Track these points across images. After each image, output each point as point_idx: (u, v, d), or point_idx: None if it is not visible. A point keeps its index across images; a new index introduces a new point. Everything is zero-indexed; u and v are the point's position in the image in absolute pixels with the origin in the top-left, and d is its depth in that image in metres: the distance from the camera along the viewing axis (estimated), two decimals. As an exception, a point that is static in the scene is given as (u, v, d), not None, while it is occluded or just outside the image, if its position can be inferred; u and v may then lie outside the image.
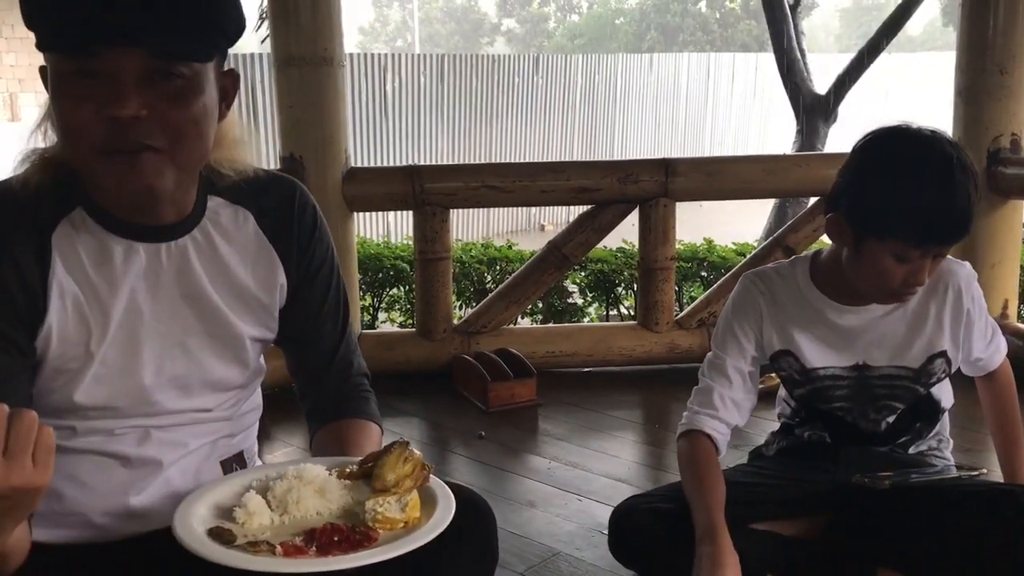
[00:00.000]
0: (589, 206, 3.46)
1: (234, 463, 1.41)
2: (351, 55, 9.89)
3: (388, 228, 9.42)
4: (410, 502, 1.22)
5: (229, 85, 1.25)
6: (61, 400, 1.26)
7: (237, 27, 1.21)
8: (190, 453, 1.34)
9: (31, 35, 1.13)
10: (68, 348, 1.24)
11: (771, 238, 3.70)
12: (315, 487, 1.28)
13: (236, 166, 1.32)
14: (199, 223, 1.30)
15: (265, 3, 3.46)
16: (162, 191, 1.19)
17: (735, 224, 7.31)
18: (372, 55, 10.54)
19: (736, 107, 14.31)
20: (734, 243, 4.57)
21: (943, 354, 1.71)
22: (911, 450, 1.77)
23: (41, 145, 1.24)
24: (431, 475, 1.27)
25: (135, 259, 1.26)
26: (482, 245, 4.72)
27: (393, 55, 11.05)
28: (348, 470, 1.32)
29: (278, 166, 3.20)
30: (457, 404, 3.18)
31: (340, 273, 1.47)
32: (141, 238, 1.26)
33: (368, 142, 10.11)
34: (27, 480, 0.88)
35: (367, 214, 8.39)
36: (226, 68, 1.25)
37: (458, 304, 4.29)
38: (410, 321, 4.32)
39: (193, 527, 1.20)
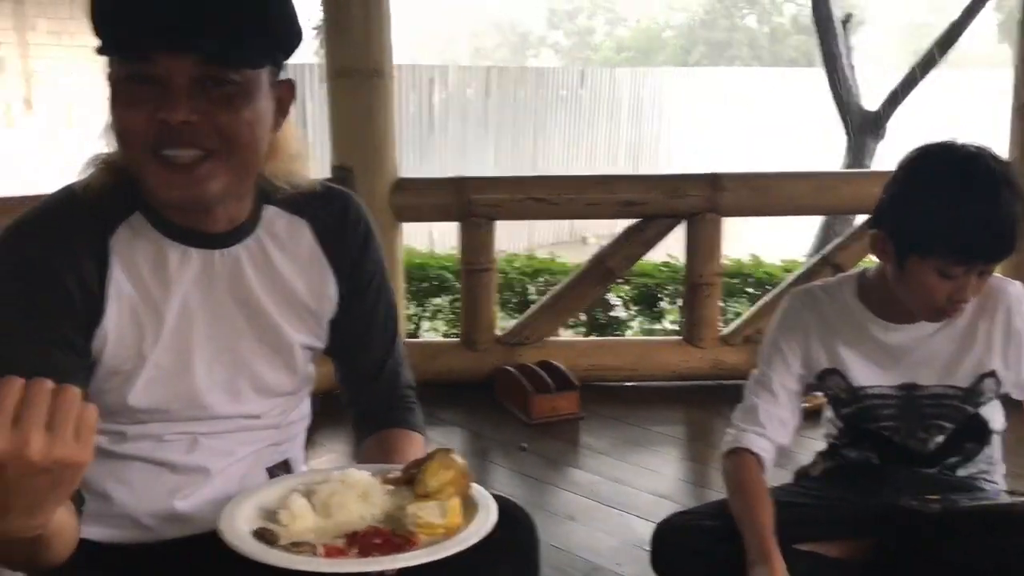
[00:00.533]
0: (635, 220, 3.46)
1: (280, 471, 1.42)
2: (398, 66, 9.97)
3: (431, 237, 9.48)
4: (451, 508, 1.22)
5: (285, 95, 1.27)
6: (115, 402, 1.28)
7: (292, 37, 1.23)
8: (237, 461, 1.36)
9: (90, 44, 1.16)
10: (122, 350, 1.26)
11: (819, 256, 3.67)
12: (358, 491, 1.29)
13: (292, 179, 1.33)
14: (253, 232, 1.32)
15: (320, 16, 3.51)
16: (211, 196, 1.20)
17: (781, 238, 7.24)
18: (420, 67, 10.61)
19: (784, 122, 14.20)
20: (781, 260, 4.53)
21: (993, 374, 1.68)
22: (960, 472, 1.74)
23: (105, 151, 1.26)
24: (473, 483, 1.28)
25: (189, 264, 1.28)
26: (526, 256, 4.73)
27: (440, 67, 11.12)
28: (392, 476, 1.33)
29: (328, 175, 3.24)
30: (499, 415, 3.18)
31: (390, 286, 1.49)
32: (196, 244, 1.28)
33: (414, 153, 10.18)
34: (68, 454, 0.88)
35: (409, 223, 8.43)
36: (282, 78, 1.26)
37: (500, 315, 4.30)
38: (453, 331, 4.34)
39: (238, 527, 1.22)
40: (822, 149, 12.95)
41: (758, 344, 1.89)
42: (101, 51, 1.15)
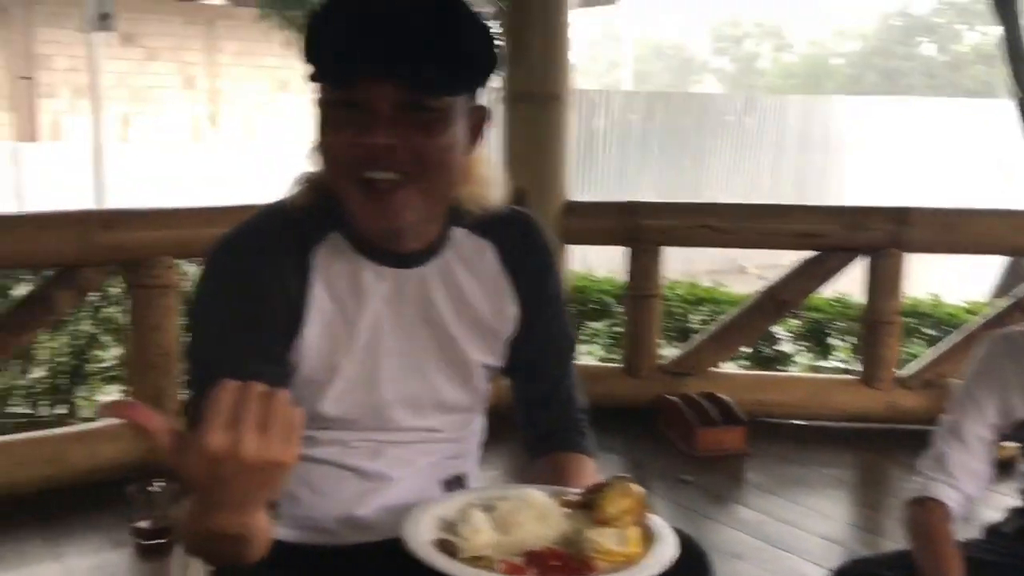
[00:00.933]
0: (809, 252, 3.35)
1: (455, 485, 1.45)
2: (564, 91, 10.04)
3: (585, 260, 9.49)
4: (630, 537, 1.21)
5: (479, 120, 1.29)
6: (307, 409, 1.30)
7: (488, 65, 1.26)
8: (417, 472, 1.39)
9: (270, 65, 1.23)
10: (318, 361, 1.31)
11: (1012, 298, 3.44)
12: (537, 511, 1.29)
13: (482, 202, 1.36)
14: (441, 252, 1.36)
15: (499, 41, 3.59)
16: (408, 224, 1.25)
17: (959, 276, 6.84)
18: (583, 91, 10.67)
19: (963, 155, 13.46)
20: (964, 301, 4.29)
21: None
22: None
23: (312, 169, 1.32)
24: (650, 514, 1.26)
25: (382, 283, 1.33)
26: (688, 284, 4.66)
27: (603, 91, 11.16)
28: (570, 499, 1.33)
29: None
30: (660, 445, 3.14)
31: (567, 309, 1.50)
32: (389, 263, 1.33)
33: (575, 176, 10.22)
34: (278, 454, 0.92)
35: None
36: (477, 104, 1.29)
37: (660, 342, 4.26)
38: (611, 356, 4.32)
39: (421, 537, 1.25)
40: (1003, 184, 12.22)
41: (939, 388, 1.79)
42: (313, 78, 1.21)
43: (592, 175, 10.38)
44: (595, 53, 31.58)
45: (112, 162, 12.11)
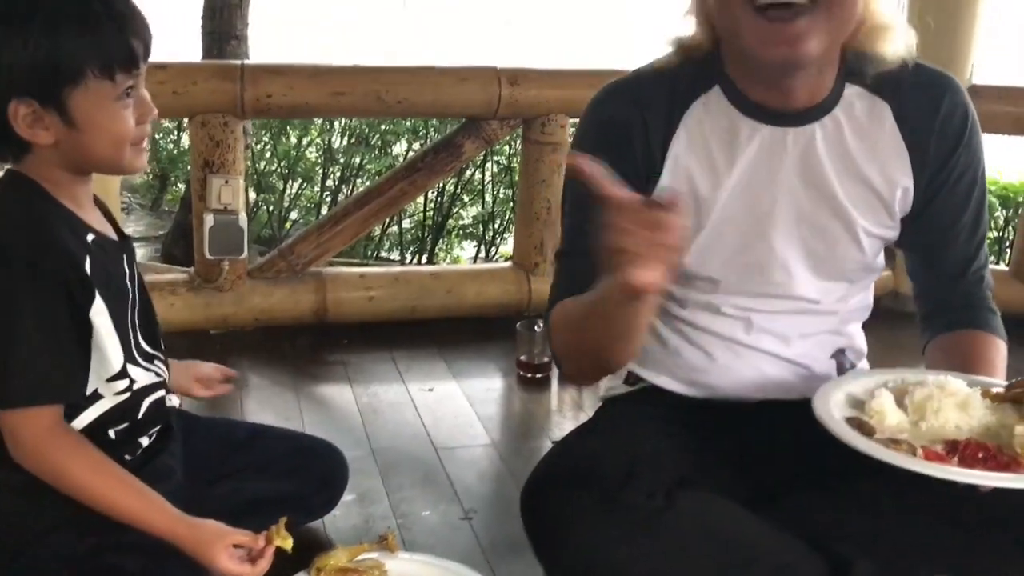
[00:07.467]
0: None
1: (839, 356, 1.45)
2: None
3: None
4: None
5: None
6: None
7: None
8: (790, 346, 1.40)
9: None
10: None
11: None
12: (957, 400, 1.26)
13: (879, 53, 1.27)
14: (831, 111, 1.30)
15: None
16: (807, 56, 1.19)
17: None
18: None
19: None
20: None
21: None
22: None
23: (684, 34, 1.33)
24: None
25: (757, 139, 1.31)
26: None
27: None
28: (995, 391, 1.28)
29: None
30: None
31: (984, 187, 1.40)
32: (769, 121, 1.30)
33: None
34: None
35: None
36: None
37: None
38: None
39: (834, 412, 1.27)
40: None
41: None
42: None
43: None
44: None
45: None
